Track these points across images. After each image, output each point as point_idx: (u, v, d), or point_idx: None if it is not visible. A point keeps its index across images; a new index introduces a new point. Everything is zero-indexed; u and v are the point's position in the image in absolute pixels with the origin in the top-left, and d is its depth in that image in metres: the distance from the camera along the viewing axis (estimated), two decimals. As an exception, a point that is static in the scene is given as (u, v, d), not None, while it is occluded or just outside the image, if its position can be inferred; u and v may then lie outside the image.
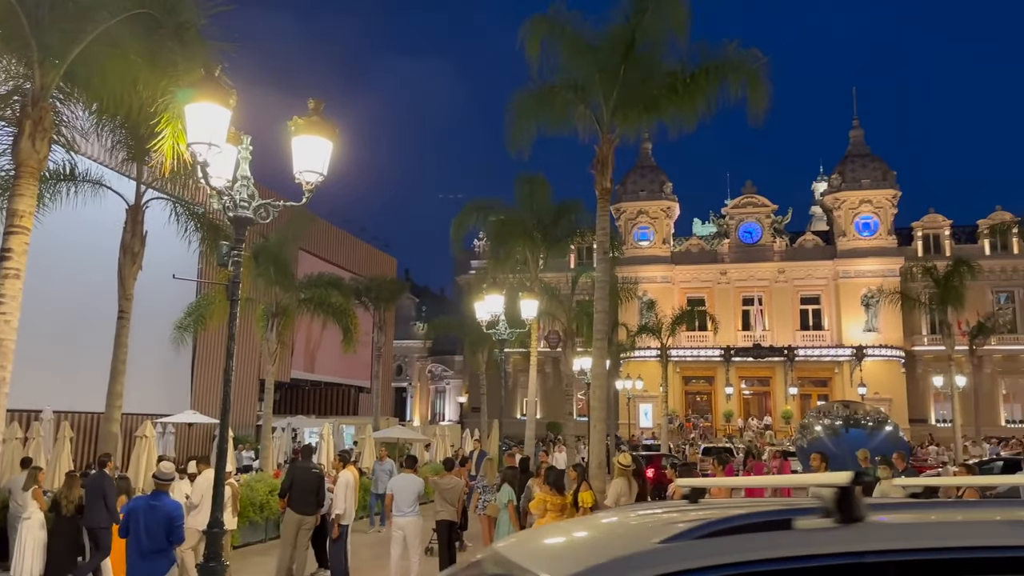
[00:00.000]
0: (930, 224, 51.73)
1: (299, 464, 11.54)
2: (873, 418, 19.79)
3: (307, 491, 10.77)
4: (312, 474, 11.04)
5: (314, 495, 10.85)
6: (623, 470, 10.59)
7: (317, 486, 10.93)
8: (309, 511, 10.76)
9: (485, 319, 16.91)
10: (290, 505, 10.78)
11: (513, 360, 53.09)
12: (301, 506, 10.72)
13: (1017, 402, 49.84)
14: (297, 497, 10.77)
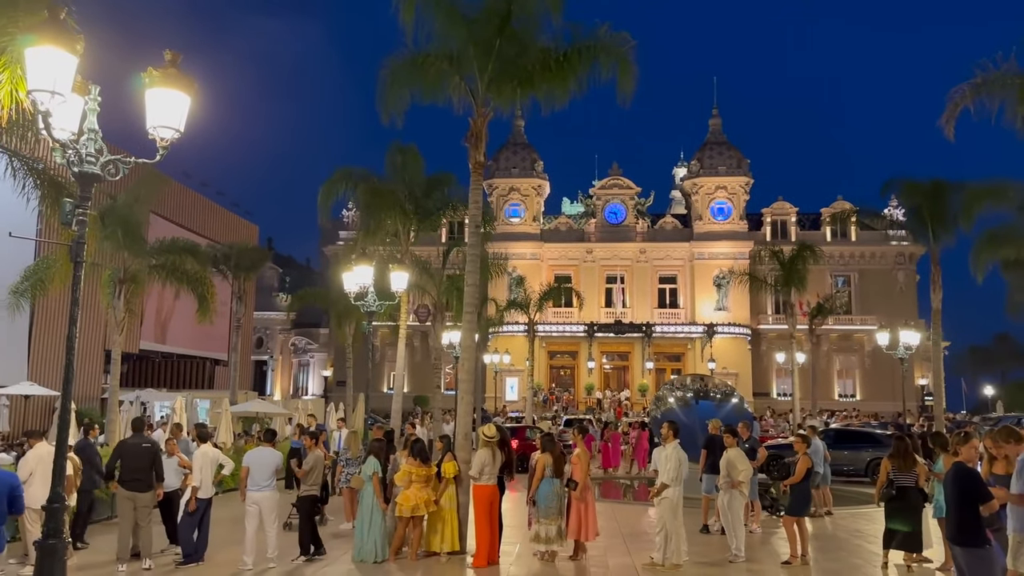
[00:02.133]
0: (778, 211, 55.30)
1: (129, 440, 10.90)
2: (721, 391, 20.99)
3: (138, 468, 10.22)
4: (143, 449, 10.44)
5: (147, 471, 10.31)
6: (488, 441, 10.75)
7: (150, 461, 10.38)
8: (142, 488, 10.23)
9: (353, 290, 16.56)
10: (121, 484, 10.23)
11: (381, 333, 52.47)
12: (133, 484, 10.18)
13: (849, 378, 54.49)
14: (128, 475, 10.22)
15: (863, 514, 15.12)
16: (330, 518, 12.07)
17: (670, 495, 10.23)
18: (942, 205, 21.68)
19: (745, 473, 11.09)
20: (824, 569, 10.30)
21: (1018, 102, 12.34)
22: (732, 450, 11.17)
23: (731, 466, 10.95)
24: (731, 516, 10.90)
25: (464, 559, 10.61)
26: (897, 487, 10.32)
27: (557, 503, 10.39)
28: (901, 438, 11.31)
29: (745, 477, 11.10)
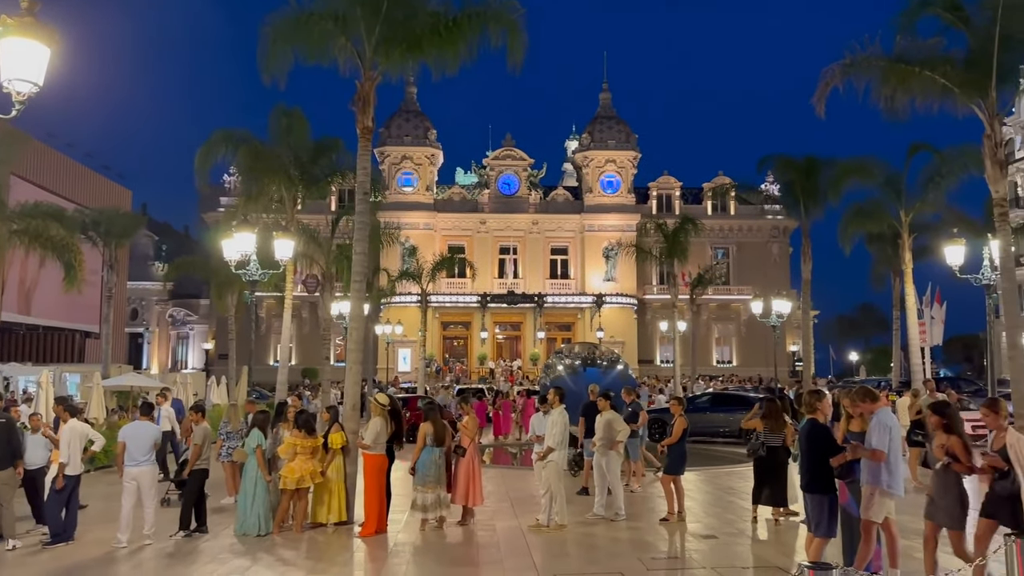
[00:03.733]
0: (664, 185, 57.04)
1: None
2: (607, 358, 21.57)
3: None
4: None
5: (3, 447, 9.69)
6: (380, 409, 10.69)
7: (5, 437, 9.76)
8: None
9: (234, 259, 15.94)
10: None
11: (267, 304, 50.92)
12: None
13: (727, 345, 57.23)
14: None
15: (736, 472, 15.98)
16: (208, 494, 11.68)
17: (556, 458, 10.47)
18: (813, 181, 22.92)
19: (623, 434, 11.48)
20: (699, 524, 10.83)
21: (882, 83, 13.16)
22: (608, 412, 11.53)
23: (609, 427, 11.31)
24: (609, 476, 11.27)
25: (351, 529, 10.54)
26: (766, 446, 10.98)
27: (435, 471, 10.42)
28: (772, 401, 12.00)
29: (623, 437, 11.49)
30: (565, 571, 8.30)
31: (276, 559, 9.10)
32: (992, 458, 6.37)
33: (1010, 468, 6.30)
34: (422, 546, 9.75)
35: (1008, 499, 6.31)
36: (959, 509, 6.63)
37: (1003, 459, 6.35)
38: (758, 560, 8.85)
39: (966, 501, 6.68)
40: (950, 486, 6.65)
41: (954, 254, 17.79)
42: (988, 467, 6.44)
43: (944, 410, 6.86)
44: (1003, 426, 6.56)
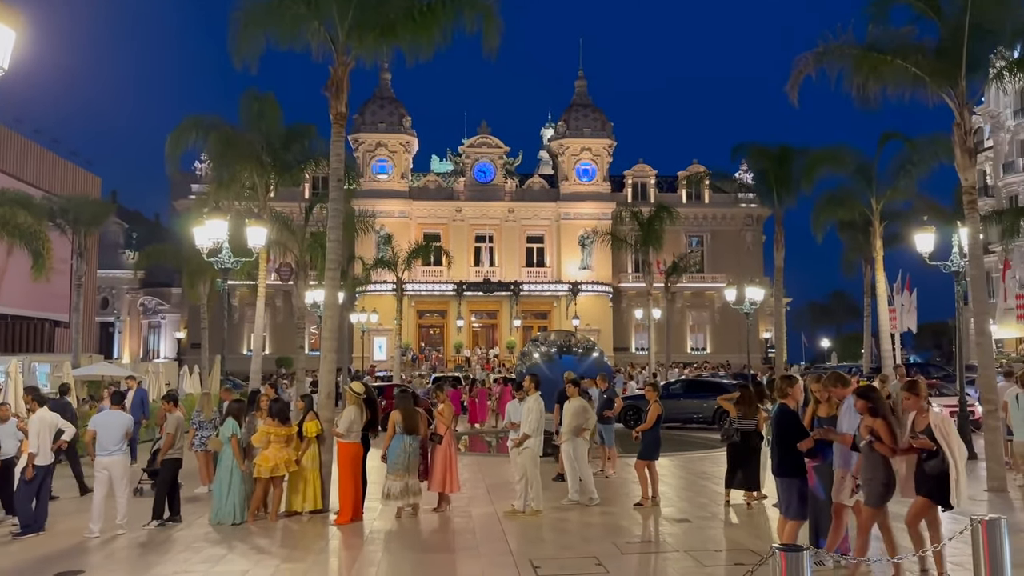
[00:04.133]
0: (639, 173, 57.24)
1: None
2: (583, 346, 21.69)
3: None
4: None
5: None
6: (355, 397, 10.65)
7: None
8: None
9: (206, 247, 15.73)
10: None
11: (240, 293, 50.44)
12: None
13: (701, 332, 57.73)
14: None
15: (710, 457, 16.14)
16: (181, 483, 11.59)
17: (531, 445, 10.50)
18: (786, 169, 23.10)
19: (590, 421, 11.54)
20: (673, 509, 10.94)
21: (854, 71, 13.27)
22: (576, 400, 11.59)
23: (576, 415, 11.37)
24: (578, 463, 11.34)
25: (327, 517, 10.51)
26: (740, 431, 11.10)
27: (404, 459, 10.38)
28: (745, 387, 12.13)
29: (589, 425, 11.55)
30: (540, 556, 8.34)
31: (251, 547, 9.05)
32: (922, 440, 6.48)
33: (938, 448, 6.41)
34: (397, 533, 9.75)
35: (936, 477, 6.45)
36: (882, 488, 6.76)
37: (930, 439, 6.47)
38: (731, 543, 8.95)
39: (892, 482, 6.79)
40: (876, 466, 6.78)
41: (924, 241, 18.04)
42: (917, 448, 6.55)
43: (869, 394, 6.99)
44: (923, 407, 6.66)
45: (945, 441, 6.39)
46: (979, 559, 6.28)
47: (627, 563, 8.15)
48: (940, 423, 6.46)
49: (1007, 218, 26.79)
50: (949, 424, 6.49)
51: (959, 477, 6.36)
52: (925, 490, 6.64)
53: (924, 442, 6.50)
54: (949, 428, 6.46)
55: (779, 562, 5.11)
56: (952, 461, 6.36)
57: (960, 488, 6.38)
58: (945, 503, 6.50)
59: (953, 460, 6.36)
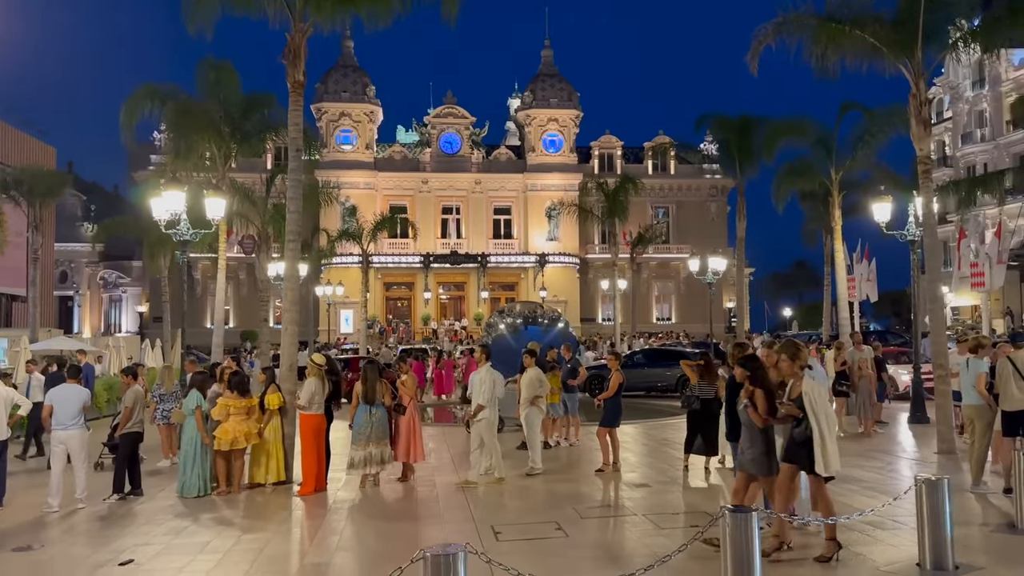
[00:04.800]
0: (605, 144, 57.20)
1: None
2: (548, 316, 21.81)
3: None
4: None
5: None
6: (317, 369, 10.64)
7: None
8: None
9: (163, 219, 15.46)
10: None
11: (202, 266, 49.76)
12: None
13: (666, 302, 58.27)
14: None
15: (671, 424, 16.42)
16: (144, 457, 11.51)
17: (486, 415, 10.59)
18: (748, 140, 23.29)
19: (544, 389, 11.65)
20: (634, 475, 11.14)
21: (813, 42, 13.35)
22: (532, 369, 11.70)
23: (532, 385, 11.48)
24: (529, 431, 11.48)
25: (290, 488, 10.53)
26: (700, 399, 11.31)
27: (368, 429, 10.44)
28: (707, 356, 12.34)
29: (543, 393, 11.67)
30: (501, 522, 8.46)
31: (213, 519, 9.05)
32: (789, 407, 6.63)
33: (804, 415, 6.56)
34: (361, 503, 9.81)
35: (802, 444, 6.59)
36: (765, 458, 6.90)
37: (799, 407, 6.59)
38: (688, 506, 9.16)
39: (772, 449, 6.92)
40: (755, 435, 6.93)
41: (881, 211, 18.34)
42: (785, 416, 6.68)
43: (749, 364, 7.11)
44: (799, 374, 6.80)
45: (812, 409, 6.50)
46: (922, 516, 6.55)
47: (586, 527, 8.30)
48: (811, 391, 6.57)
49: (963, 188, 27.33)
50: (820, 393, 6.58)
51: (825, 444, 6.46)
52: (791, 456, 6.79)
53: (791, 409, 6.63)
54: (819, 397, 6.56)
55: (728, 522, 5.28)
56: (817, 428, 6.45)
57: (827, 455, 6.46)
58: (809, 469, 6.60)
59: (818, 428, 6.45)
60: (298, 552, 7.80)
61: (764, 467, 6.93)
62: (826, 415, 6.59)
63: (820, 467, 6.50)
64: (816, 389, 6.63)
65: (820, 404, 6.55)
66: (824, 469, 6.50)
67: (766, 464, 6.91)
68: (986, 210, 43.50)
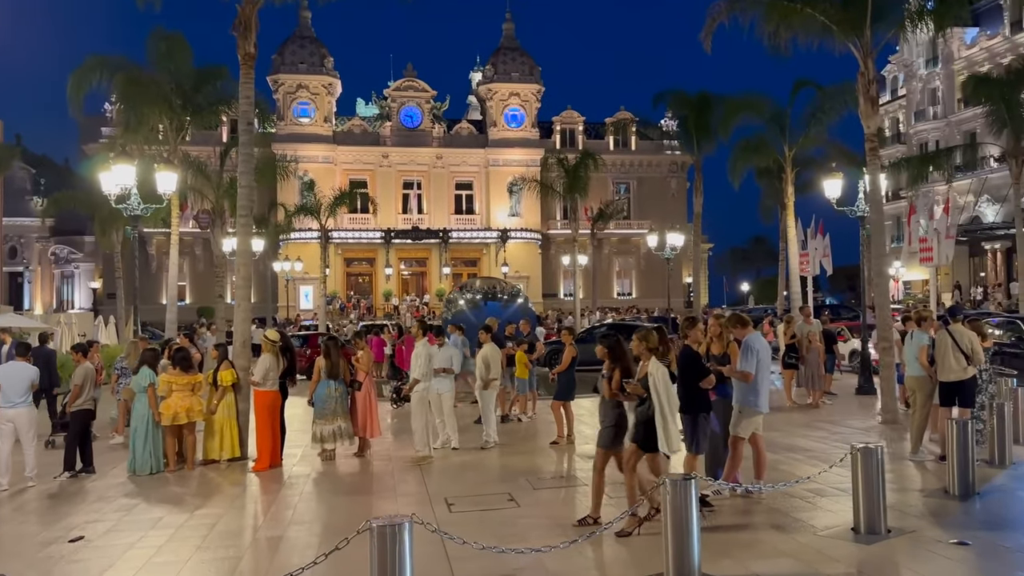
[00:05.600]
0: (567, 120, 57.15)
1: None
2: (508, 292, 21.97)
3: None
4: None
5: None
6: (271, 346, 10.60)
7: None
8: None
9: (114, 193, 15.14)
10: None
11: (157, 241, 48.85)
12: None
13: (627, 277, 58.80)
14: None
15: (628, 398, 16.66)
16: (97, 435, 11.41)
17: (420, 390, 10.67)
18: (705, 116, 23.52)
19: (495, 370, 11.75)
20: (588, 447, 11.32)
21: (765, 20, 13.51)
22: (487, 346, 11.81)
23: (485, 362, 11.60)
24: (484, 406, 11.62)
25: (245, 464, 10.53)
26: (651, 372, 11.51)
27: (331, 404, 10.51)
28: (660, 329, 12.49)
29: (496, 374, 11.76)
30: (455, 494, 8.58)
31: (166, 495, 9.03)
32: (635, 386, 6.84)
33: (648, 395, 6.77)
34: (317, 477, 9.85)
35: (644, 423, 6.81)
36: (613, 432, 7.12)
37: (644, 387, 6.80)
38: (638, 476, 9.37)
39: (622, 424, 7.09)
40: (608, 410, 7.15)
41: (832, 187, 18.70)
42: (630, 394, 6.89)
43: (607, 341, 7.30)
44: (648, 355, 6.99)
45: (656, 391, 6.67)
46: (857, 483, 6.82)
47: (538, 497, 8.47)
48: (656, 372, 6.75)
49: (914, 164, 27.97)
50: (663, 375, 6.75)
51: (666, 424, 6.64)
52: (633, 435, 7.00)
53: (636, 388, 6.83)
54: (662, 379, 6.73)
55: (668, 489, 5.46)
56: (659, 409, 6.64)
57: (668, 435, 6.64)
58: (650, 448, 6.79)
59: (660, 408, 6.64)
60: (252, 527, 7.84)
61: (607, 440, 7.14)
62: (668, 396, 6.72)
63: (662, 446, 6.65)
64: (661, 371, 6.76)
65: (664, 386, 6.69)
66: (665, 448, 6.66)
67: (610, 438, 7.11)
68: (936, 187, 44.53)
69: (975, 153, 35.03)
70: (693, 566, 5.46)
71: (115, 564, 6.51)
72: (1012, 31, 43.41)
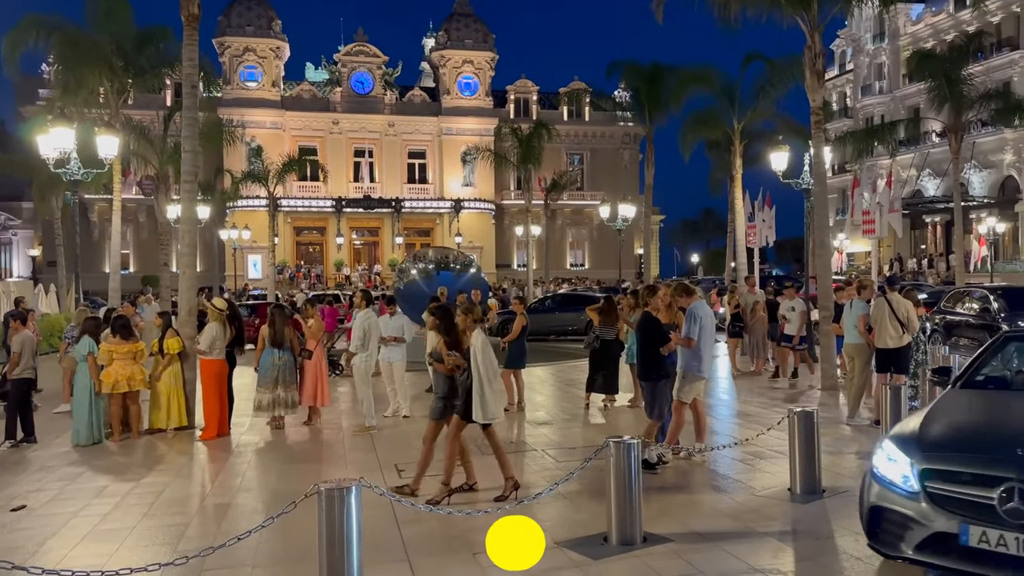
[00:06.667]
0: (521, 89, 56.87)
1: None
2: (461, 262, 21.90)
3: None
4: None
5: None
6: (218, 314, 10.48)
7: None
8: None
9: (52, 157, 14.64)
10: None
11: (99, 208, 47.44)
12: None
13: (580, 248, 59.18)
14: None
15: (578, 366, 16.88)
16: (38, 404, 11.17)
17: (357, 362, 10.69)
18: (658, 88, 23.65)
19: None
20: (538, 413, 11.52)
21: (715, -11, 13.62)
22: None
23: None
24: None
25: (192, 433, 10.43)
26: (601, 340, 11.72)
27: (273, 372, 10.45)
28: (609, 299, 12.73)
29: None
30: (405, 460, 8.65)
31: (110, 464, 8.91)
32: (456, 357, 7.04)
33: (469, 366, 6.89)
34: (265, 446, 9.82)
35: (468, 393, 6.94)
36: (439, 403, 7.26)
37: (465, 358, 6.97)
38: (586, 441, 9.56)
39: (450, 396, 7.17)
40: (439, 382, 7.34)
41: (779, 160, 19.08)
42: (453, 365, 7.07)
43: (437, 313, 7.48)
44: (471, 327, 7.14)
45: (476, 362, 6.80)
46: (793, 445, 7.07)
47: (487, 462, 8.53)
48: (477, 344, 6.89)
49: (859, 138, 28.62)
50: (482, 345, 6.86)
51: (483, 394, 6.79)
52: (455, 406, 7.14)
53: (457, 359, 7.02)
54: (481, 349, 6.85)
55: (612, 451, 5.61)
56: (477, 379, 6.79)
57: (484, 405, 6.79)
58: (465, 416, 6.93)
59: (478, 378, 6.79)
60: (199, 494, 7.80)
61: (436, 412, 7.30)
62: (487, 367, 6.82)
63: (477, 415, 6.80)
64: (480, 341, 6.88)
65: (483, 358, 6.79)
66: (480, 417, 6.81)
67: (439, 410, 7.26)
68: (881, 160, 45.67)
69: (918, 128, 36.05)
70: (636, 525, 5.64)
71: (59, 532, 6.43)
72: (956, 8, 44.45)
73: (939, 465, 4.50)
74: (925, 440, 4.78)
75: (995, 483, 4.21)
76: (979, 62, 37.84)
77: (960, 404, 5.72)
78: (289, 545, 5.88)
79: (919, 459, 4.58)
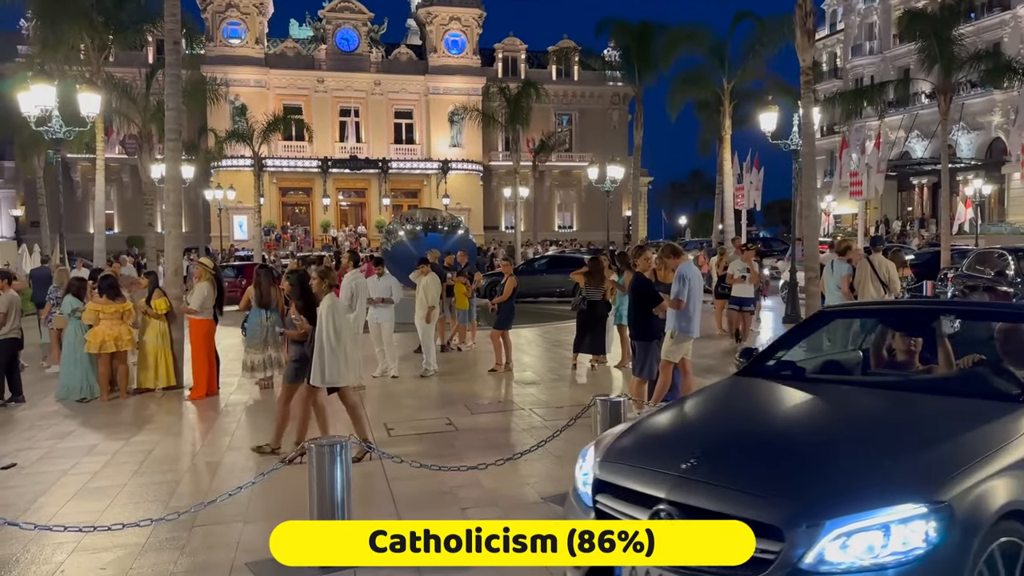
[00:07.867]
0: (509, 47, 56.08)
1: None
2: (448, 223, 21.83)
3: None
4: None
5: None
6: (207, 272, 10.50)
7: None
8: None
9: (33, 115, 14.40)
10: None
11: (82, 167, 46.79)
12: None
13: (568, 210, 59.00)
14: None
15: (566, 328, 16.97)
16: (25, 364, 11.17)
17: None
18: (647, 47, 23.41)
19: (433, 298, 11.81)
20: (526, 373, 11.62)
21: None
22: (426, 277, 11.86)
23: (424, 292, 11.66)
24: (424, 335, 11.71)
25: (181, 393, 10.47)
26: (588, 300, 11.77)
27: (262, 332, 10.46)
28: (595, 260, 12.76)
29: (434, 301, 11.81)
30: (395, 419, 8.74)
31: (101, 423, 8.95)
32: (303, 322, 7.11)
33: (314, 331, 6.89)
34: (254, 406, 9.88)
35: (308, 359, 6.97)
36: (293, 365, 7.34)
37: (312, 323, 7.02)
38: (572, 400, 9.67)
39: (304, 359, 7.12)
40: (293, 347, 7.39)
41: (767, 120, 19.02)
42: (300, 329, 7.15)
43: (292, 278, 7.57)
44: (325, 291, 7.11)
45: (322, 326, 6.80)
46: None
47: (476, 421, 8.70)
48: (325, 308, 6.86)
49: (848, 99, 28.50)
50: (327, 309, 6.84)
51: (323, 358, 6.79)
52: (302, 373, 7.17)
53: (304, 323, 7.08)
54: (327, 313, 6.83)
55: (599, 409, 5.69)
56: (319, 342, 6.80)
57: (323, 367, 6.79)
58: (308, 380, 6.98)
59: (319, 341, 6.81)
60: (189, 452, 7.87)
61: (290, 375, 7.41)
62: (335, 331, 6.83)
63: (315, 378, 6.86)
64: (326, 306, 6.87)
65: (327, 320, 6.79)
66: (318, 380, 6.87)
67: (291, 373, 7.37)
68: (869, 122, 45.58)
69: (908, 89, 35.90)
70: (621, 481, 5.73)
71: (50, 490, 6.49)
72: (948, -32, 44.00)
73: (609, 477, 3.63)
74: (615, 444, 3.86)
75: (648, 503, 3.35)
76: (970, 22, 37.62)
77: (702, 398, 4.72)
78: (280, 502, 5.96)
79: (595, 468, 3.73)
